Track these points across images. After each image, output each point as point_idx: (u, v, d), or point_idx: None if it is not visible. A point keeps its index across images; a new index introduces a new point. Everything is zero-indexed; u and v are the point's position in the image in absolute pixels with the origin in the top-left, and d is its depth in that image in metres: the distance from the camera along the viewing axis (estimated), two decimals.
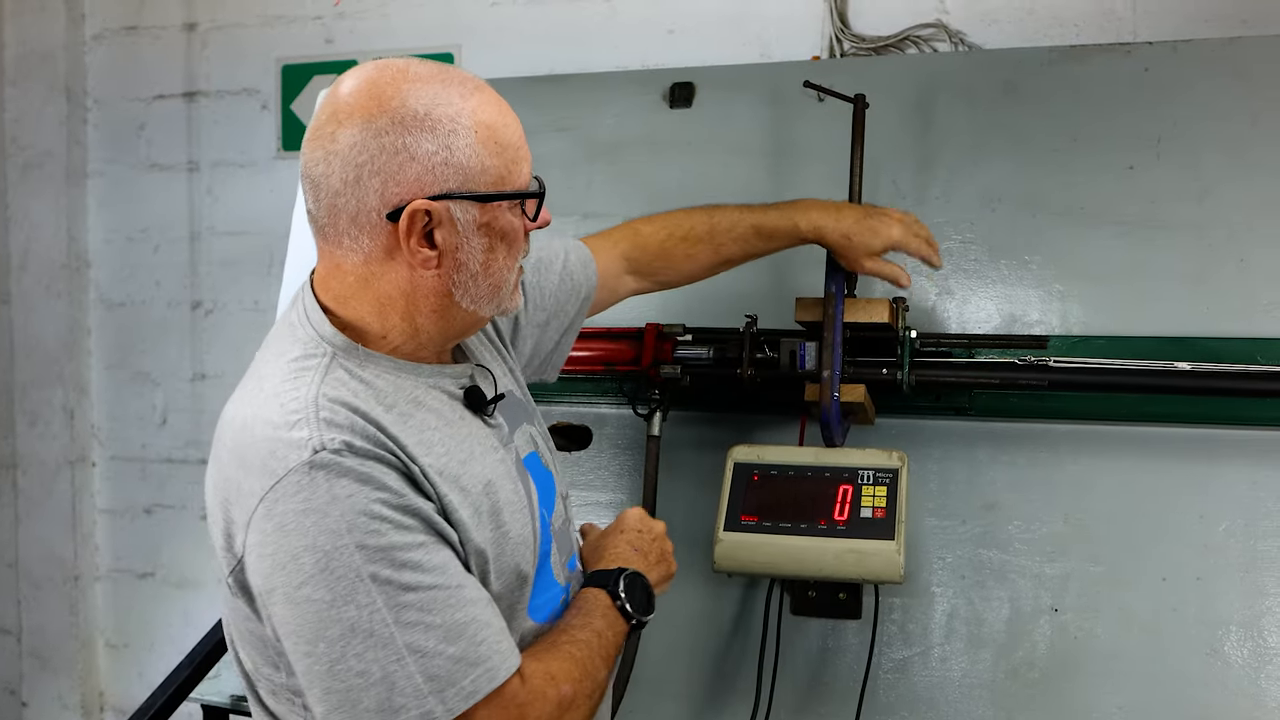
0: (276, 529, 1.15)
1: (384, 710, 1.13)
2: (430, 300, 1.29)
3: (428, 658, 1.14)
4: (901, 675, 1.99)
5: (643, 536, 1.53)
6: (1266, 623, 1.86)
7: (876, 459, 1.89)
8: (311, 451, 1.16)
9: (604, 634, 1.36)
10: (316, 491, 1.14)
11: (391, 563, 1.15)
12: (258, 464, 1.17)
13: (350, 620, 1.13)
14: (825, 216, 1.85)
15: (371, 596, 1.13)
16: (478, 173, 1.25)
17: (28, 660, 3.49)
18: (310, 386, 1.22)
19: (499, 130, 1.27)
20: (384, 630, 1.13)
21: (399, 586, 1.14)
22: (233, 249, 3.34)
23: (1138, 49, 2.12)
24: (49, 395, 3.44)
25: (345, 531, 1.13)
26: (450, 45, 3.02)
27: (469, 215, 1.25)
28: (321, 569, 1.13)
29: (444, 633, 1.16)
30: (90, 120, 3.44)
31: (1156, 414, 1.96)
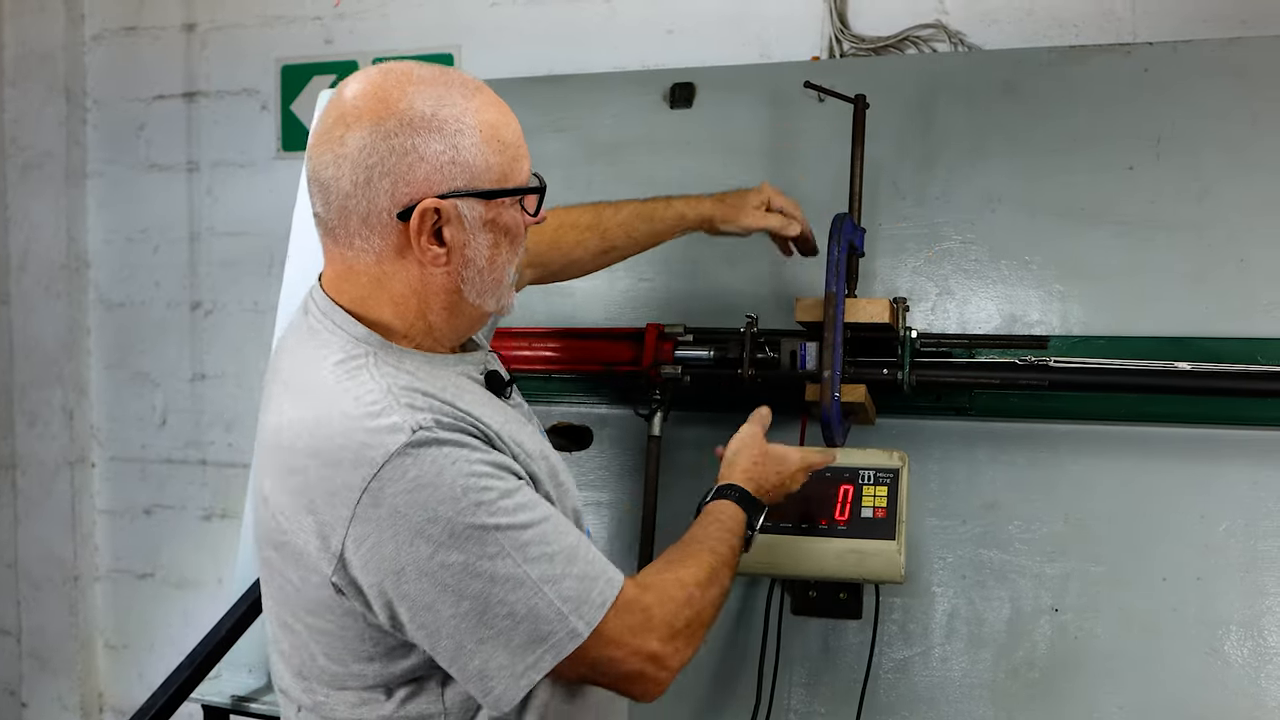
0: (390, 513, 1.20)
1: (534, 640, 1.23)
2: (440, 298, 1.34)
3: (558, 583, 1.24)
4: (902, 675, 1.99)
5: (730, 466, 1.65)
6: (1267, 622, 1.86)
7: (877, 459, 1.89)
8: (410, 433, 1.21)
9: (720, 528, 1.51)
10: (423, 468, 1.21)
11: (504, 510, 1.23)
12: (349, 458, 1.22)
13: (488, 572, 1.21)
14: (702, 197, 1.96)
15: (499, 545, 1.22)
16: (482, 170, 1.30)
17: (27, 661, 3.49)
18: (375, 379, 1.27)
19: (501, 129, 1.32)
20: (518, 571, 1.22)
21: (518, 528, 1.23)
22: (232, 249, 3.34)
23: (1137, 49, 2.12)
24: (48, 395, 3.44)
25: (460, 495, 1.21)
26: (450, 45, 3.02)
27: (475, 212, 1.30)
28: (449, 534, 1.20)
29: (565, 558, 1.26)
30: (90, 120, 3.44)
31: (1157, 414, 1.96)
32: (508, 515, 1.23)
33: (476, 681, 1.24)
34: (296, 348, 1.36)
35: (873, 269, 2.15)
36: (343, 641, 1.29)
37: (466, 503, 1.21)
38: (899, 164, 2.17)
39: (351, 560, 1.22)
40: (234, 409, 3.31)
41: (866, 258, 2.10)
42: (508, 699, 1.25)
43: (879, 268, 2.15)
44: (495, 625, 1.22)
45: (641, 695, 1.34)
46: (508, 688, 1.24)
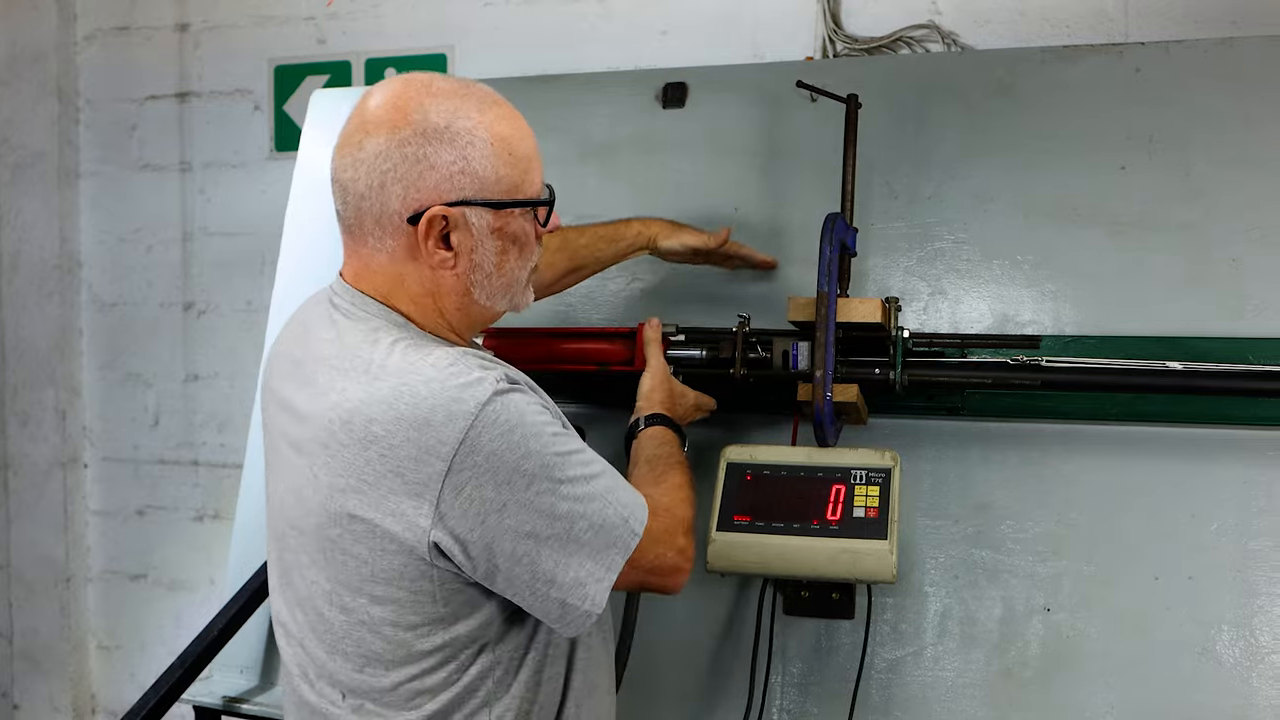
0: (488, 457, 1.31)
1: (609, 545, 1.39)
2: (452, 298, 1.44)
3: (616, 493, 1.42)
4: (894, 675, 1.99)
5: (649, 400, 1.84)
6: (1258, 622, 1.86)
7: (869, 459, 1.89)
8: (494, 383, 1.33)
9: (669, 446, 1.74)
10: (510, 412, 1.32)
11: (566, 439, 1.39)
12: (441, 417, 1.31)
13: (571, 493, 1.36)
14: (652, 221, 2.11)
15: (574, 468, 1.37)
16: (492, 181, 1.39)
17: (19, 662, 3.48)
18: (440, 349, 1.38)
19: (513, 142, 1.41)
20: (590, 489, 1.38)
21: (577, 452, 1.39)
22: (225, 250, 3.33)
23: (1129, 49, 2.12)
24: (40, 396, 3.44)
25: (540, 432, 1.34)
26: (443, 45, 3.02)
27: (483, 220, 1.40)
28: (541, 466, 1.34)
29: (610, 476, 1.43)
30: (82, 121, 3.43)
31: (1149, 413, 1.96)
32: (569, 443, 1.39)
33: (574, 590, 1.37)
34: (336, 333, 1.42)
35: (865, 269, 2.15)
36: (411, 608, 1.36)
37: (546, 437, 1.35)
38: (891, 164, 2.17)
39: (449, 512, 1.31)
40: (227, 410, 3.31)
41: (859, 257, 2.10)
42: (600, 600, 1.39)
43: (871, 267, 2.15)
44: (582, 538, 1.37)
45: (675, 586, 1.54)
46: (598, 590, 1.38)
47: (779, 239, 2.21)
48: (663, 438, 1.75)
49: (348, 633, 1.40)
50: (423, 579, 1.35)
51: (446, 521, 1.31)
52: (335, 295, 1.47)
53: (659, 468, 1.67)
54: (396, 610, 1.37)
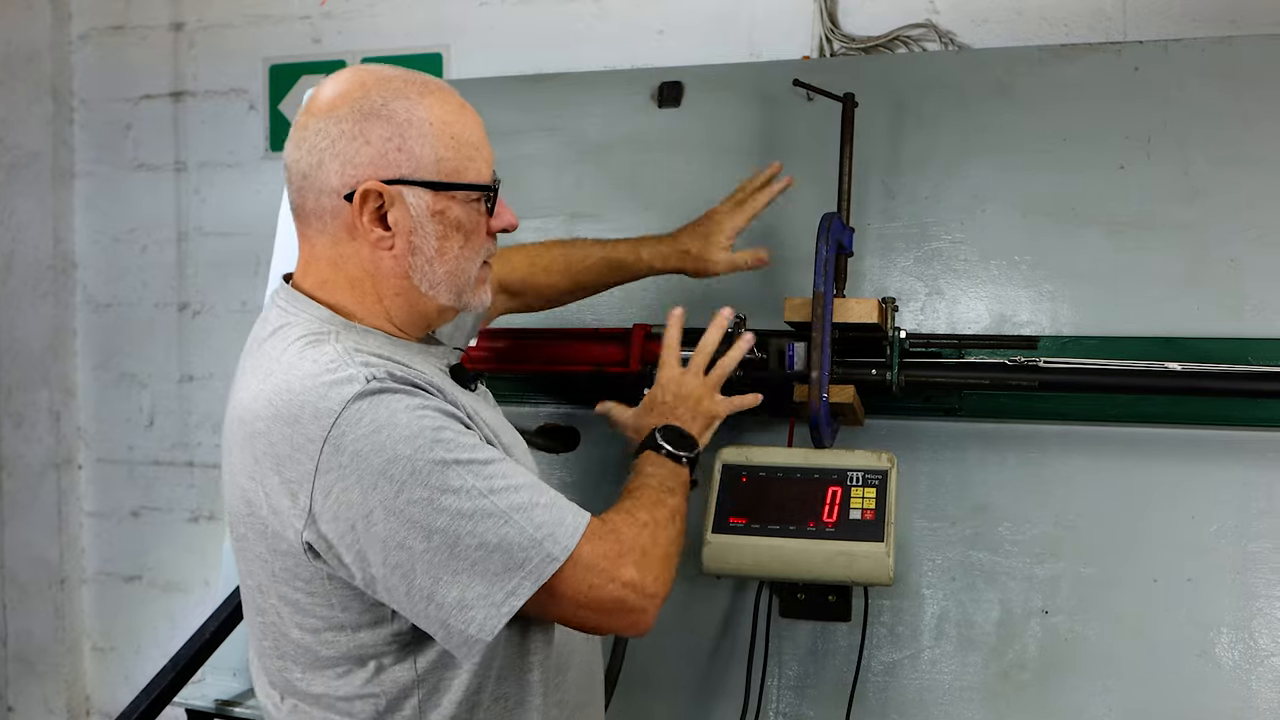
0: (352, 457, 1.25)
1: (510, 568, 1.27)
2: (391, 281, 1.40)
3: (529, 511, 1.29)
4: (891, 678, 1.98)
5: (668, 406, 1.70)
6: (1257, 624, 1.85)
7: (865, 460, 1.88)
8: (364, 382, 1.27)
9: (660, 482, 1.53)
10: (379, 411, 1.26)
11: (463, 447, 1.29)
12: (309, 414, 1.27)
13: (453, 505, 1.26)
14: (662, 241, 2.00)
15: (463, 478, 1.26)
16: (430, 162, 1.37)
17: (13, 665, 3.47)
18: (334, 346, 1.33)
19: (455, 126, 1.39)
20: (484, 503, 1.27)
21: (479, 463, 1.28)
22: (220, 250, 3.32)
23: (1128, 48, 2.11)
24: (35, 397, 3.42)
25: (417, 434, 1.26)
26: (438, 45, 3.01)
27: (422, 201, 1.37)
28: (411, 472, 1.25)
29: (530, 489, 1.31)
30: (77, 120, 3.42)
31: (1147, 414, 1.95)
32: (467, 451, 1.28)
33: (456, 612, 1.27)
34: (264, 336, 1.41)
35: (862, 269, 2.14)
36: (314, 611, 1.33)
37: (424, 440, 1.26)
38: (888, 163, 2.16)
39: (321, 514, 1.26)
40: (221, 410, 3.27)
41: (855, 257, 2.09)
42: (489, 626, 1.27)
43: (868, 268, 2.14)
44: (468, 556, 1.26)
45: (630, 627, 1.39)
46: (488, 615, 1.27)
47: (775, 239, 2.19)
48: (651, 466, 1.58)
49: (266, 633, 1.39)
50: (316, 580, 1.31)
51: (319, 524, 1.27)
52: (275, 295, 1.45)
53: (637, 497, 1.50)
54: (297, 612, 1.34)
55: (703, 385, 1.74)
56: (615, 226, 2.28)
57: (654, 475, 1.54)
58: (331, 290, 1.41)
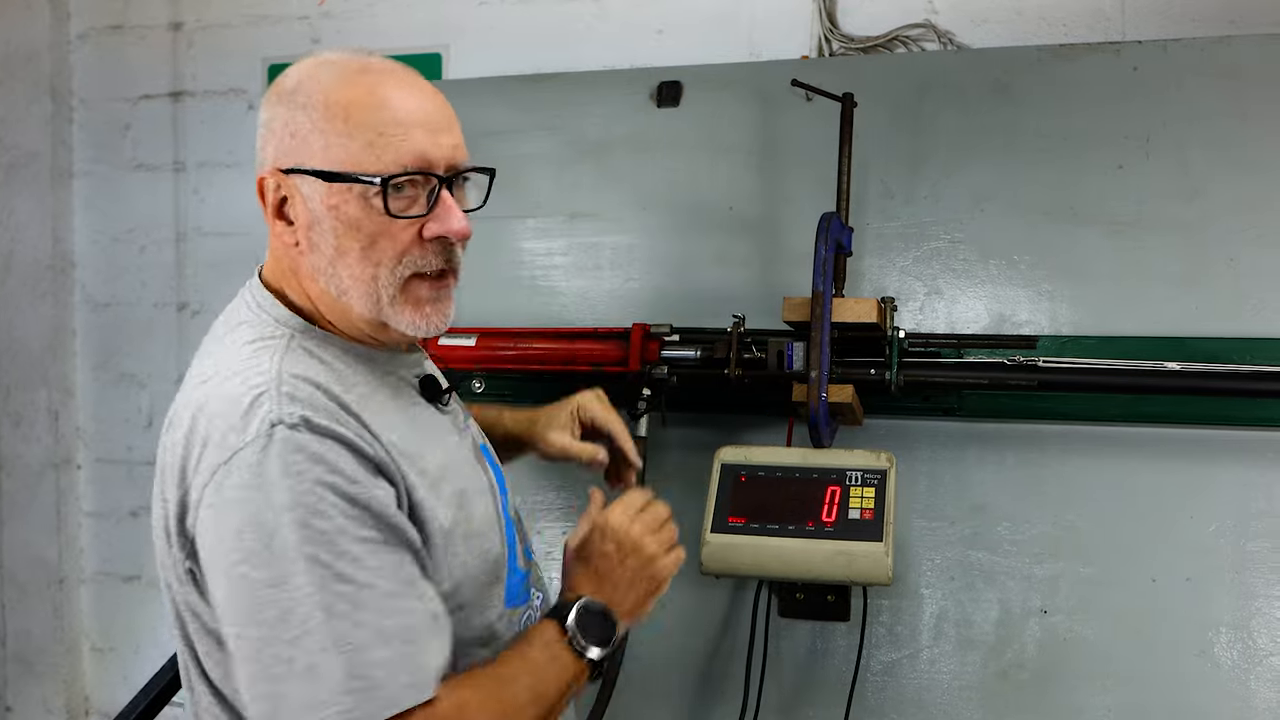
0: (223, 503, 1.12)
1: (308, 706, 1.08)
2: (309, 283, 1.27)
3: (354, 654, 1.09)
4: (890, 677, 1.98)
5: (609, 560, 1.35)
6: (1256, 624, 1.86)
7: (864, 460, 1.88)
8: (269, 426, 1.13)
9: (542, 669, 1.24)
10: (267, 467, 1.11)
11: (332, 548, 1.10)
12: (216, 440, 1.15)
13: (284, 604, 1.09)
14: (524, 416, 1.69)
15: (307, 580, 1.09)
16: (319, 149, 1.21)
17: (12, 665, 3.46)
18: (273, 362, 1.19)
19: (354, 109, 1.21)
20: (313, 618, 1.08)
21: (334, 575, 1.10)
22: (219, 250, 3.31)
23: (1126, 48, 2.11)
24: (33, 397, 3.42)
25: (289, 508, 1.10)
26: (438, 45, 3.00)
27: (316, 193, 1.22)
28: (262, 546, 1.10)
29: (373, 633, 1.10)
30: (76, 120, 3.42)
31: (1146, 414, 1.95)
32: (331, 554, 1.10)
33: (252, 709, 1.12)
34: (222, 331, 1.31)
35: (860, 268, 2.13)
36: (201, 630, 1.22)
37: (290, 518, 1.09)
38: (887, 163, 2.16)
39: (199, 542, 1.16)
40: None
41: (854, 257, 2.09)
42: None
43: (867, 267, 2.14)
44: (271, 667, 1.09)
45: None
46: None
47: (774, 238, 2.20)
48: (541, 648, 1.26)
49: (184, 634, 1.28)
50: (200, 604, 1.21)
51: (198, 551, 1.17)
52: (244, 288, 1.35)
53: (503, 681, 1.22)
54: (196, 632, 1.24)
55: (657, 540, 1.38)
56: (615, 225, 2.29)
57: (539, 662, 1.24)
58: (286, 285, 1.30)
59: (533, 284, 2.31)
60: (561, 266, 2.31)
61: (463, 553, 1.26)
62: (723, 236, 2.22)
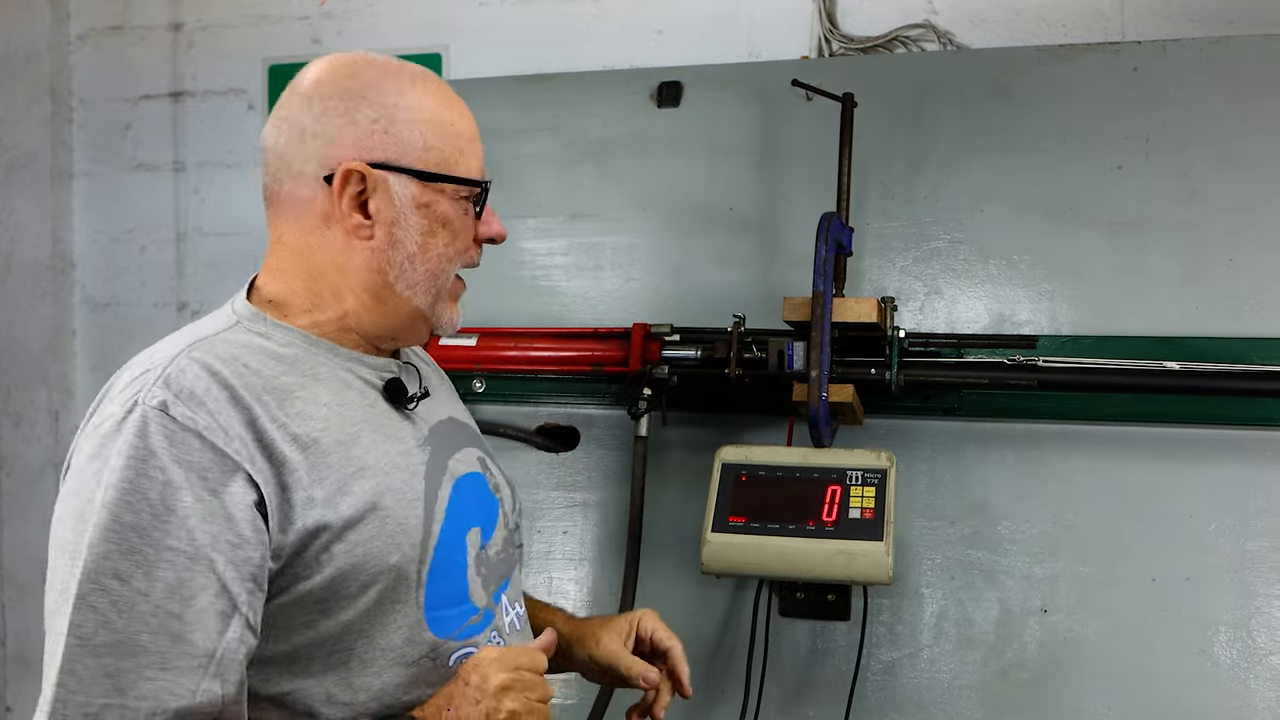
0: (71, 469, 1.17)
1: (46, 677, 1.09)
2: (363, 277, 1.27)
3: (80, 652, 1.07)
4: (890, 676, 1.98)
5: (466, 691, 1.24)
6: (1256, 623, 1.86)
7: (865, 459, 1.89)
8: (131, 405, 1.14)
9: None
10: (113, 444, 1.13)
11: (124, 543, 1.09)
12: (96, 406, 1.20)
13: (63, 579, 1.10)
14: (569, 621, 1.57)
15: (86, 563, 1.09)
16: (419, 149, 1.26)
17: (12, 665, 3.46)
18: (182, 344, 1.21)
19: (445, 115, 1.29)
20: (67, 601, 1.08)
21: (111, 570, 1.09)
22: (219, 250, 3.31)
23: (1126, 49, 2.12)
24: (33, 397, 3.41)
25: (109, 487, 1.10)
26: (438, 45, 3.00)
27: (407, 191, 1.26)
28: (76, 516, 1.12)
29: (115, 640, 1.08)
30: (75, 120, 3.41)
31: (1145, 414, 1.96)
32: (119, 550, 1.08)
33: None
34: None
35: (861, 268, 2.14)
36: None
37: (101, 498, 1.10)
38: (887, 163, 2.17)
39: None
40: None
41: (855, 257, 2.09)
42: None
43: (867, 267, 2.15)
44: (51, 631, 1.10)
45: None
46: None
47: (774, 238, 2.20)
48: None
49: None
50: None
51: None
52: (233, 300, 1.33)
53: None
54: None
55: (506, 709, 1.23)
56: (615, 225, 2.29)
57: None
58: (283, 279, 1.28)
59: (533, 284, 2.32)
60: (562, 266, 2.32)
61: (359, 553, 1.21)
62: (723, 236, 2.22)
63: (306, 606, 1.20)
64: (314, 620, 1.21)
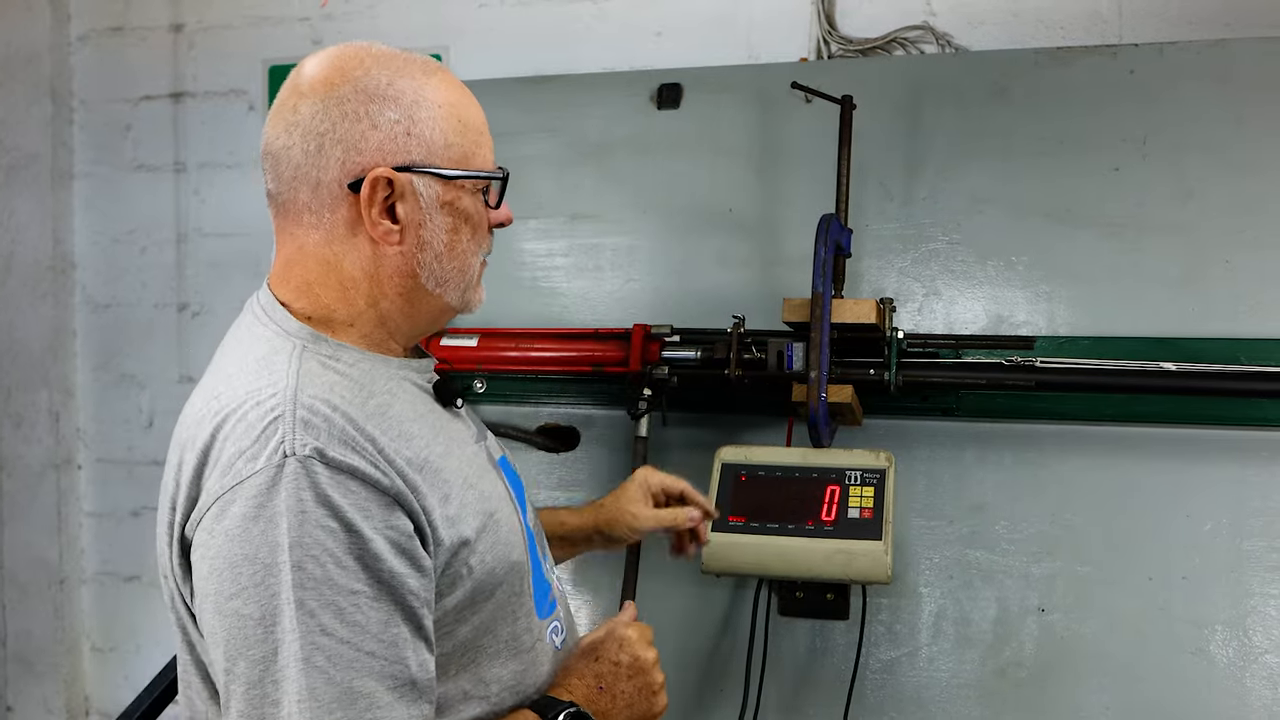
0: (224, 532, 1.10)
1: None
2: (395, 282, 1.25)
3: (319, 712, 1.07)
4: (889, 675, 1.99)
5: (618, 670, 1.34)
6: (1252, 622, 1.87)
7: (864, 460, 1.89)
8: (282, 456, 1.10)
9: None
10: (274, 500, 1.09)
11: (320, 598, 1.08)
12: (224, 463, 1.12)
13: (273, 644, 1.08)
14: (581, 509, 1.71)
15: (295, 624, 1.07)
16: (441, 148, 1.23)
17: (13, 665, 3.47)
18: (288, 380, 1.16)
19: (462, 109, 1.26)
20: (293, 666, 1.07)
21: (318, 626, 1.08)
22: (220, 251, 3.32)
23: (1123, 51, 2.13)
24: (34, 398, 3.42)
25: (289, 547, 1.08)
26: (438, 46, 3.01)
27: (432, 191, 1.23)
28: (257, 583, 1.08)
29: (339, 693, 1.08)
30: (76, 121, 3.42)
31: (1143, 414, 1.96)
32: (319, 603, 1.08)
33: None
34: (230, 344, 1.28)
35: (859, 269, 2.15)
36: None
37: (288, 559, 1.08)
38: (886, 165, 2.18)
39: (194, 560, 1.14)
40: None
41: (853, 258, 2.10)
42: None
43: (866, 268, 2.15)
44: (258, 706, 1.08)
45: None
46: None
47: (773, 240, 2.21)
48: None
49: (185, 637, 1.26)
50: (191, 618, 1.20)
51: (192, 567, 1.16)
52: (253, 299, 1.30)
53: None
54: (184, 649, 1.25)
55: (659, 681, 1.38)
56: (616, 226, 2.30)
57: None
58: (317, 294, 1.25)
59: (534, 285, 2.32)
60: (562, 267, 2.32)
61: (489, 559, 1.25)
62: (723, 238, 2.23)
63: (448, 619, 1.22)
64: (453, 629, 1.23)
